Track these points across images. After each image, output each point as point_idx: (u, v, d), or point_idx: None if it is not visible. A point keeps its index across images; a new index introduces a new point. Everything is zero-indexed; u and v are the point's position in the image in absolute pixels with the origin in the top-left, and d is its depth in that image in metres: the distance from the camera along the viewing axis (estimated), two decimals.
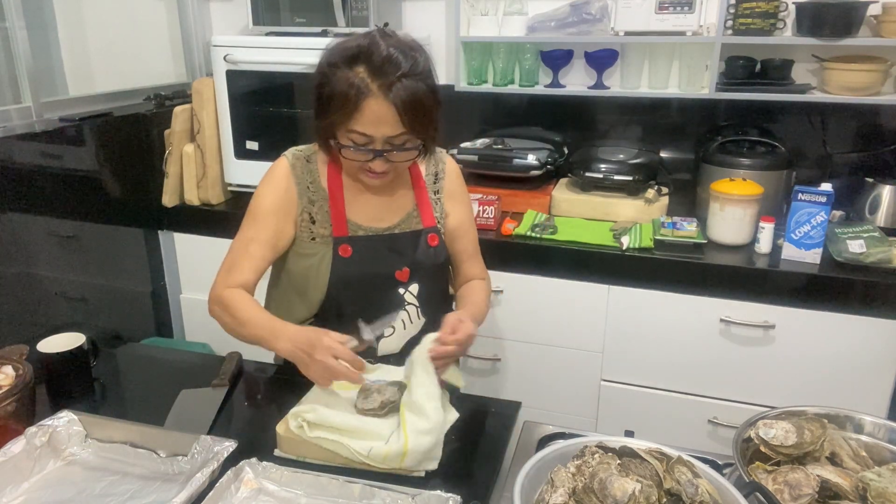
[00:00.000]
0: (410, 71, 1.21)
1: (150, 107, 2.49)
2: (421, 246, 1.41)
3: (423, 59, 1.25)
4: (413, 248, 1.40)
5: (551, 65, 2.40)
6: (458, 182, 1.50)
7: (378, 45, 1.22)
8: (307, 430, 1.13)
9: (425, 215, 1.43)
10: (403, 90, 1.20)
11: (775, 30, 2.11)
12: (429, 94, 1.24)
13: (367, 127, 1.22)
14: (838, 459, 1.03)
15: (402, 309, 1.38)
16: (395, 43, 1.23)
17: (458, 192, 1.49)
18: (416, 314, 1.40)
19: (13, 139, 1.96)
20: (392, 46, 1.22)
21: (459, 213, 1.49)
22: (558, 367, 2.18)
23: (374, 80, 1.20)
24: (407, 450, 1.09)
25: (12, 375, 1.22)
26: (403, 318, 1.39)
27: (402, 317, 1.38)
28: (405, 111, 1.20)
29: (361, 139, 1.24)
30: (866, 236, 1.91)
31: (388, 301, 1.37)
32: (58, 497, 1.07)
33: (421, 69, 1.23)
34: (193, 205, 2.44)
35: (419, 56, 1.24)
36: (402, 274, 1.37)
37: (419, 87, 1.22)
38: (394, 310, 1.37)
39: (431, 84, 1.26)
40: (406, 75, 1.20)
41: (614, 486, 0.89)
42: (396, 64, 1.20)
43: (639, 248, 1.99)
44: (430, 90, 1.25)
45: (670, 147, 2.44)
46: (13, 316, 1.99)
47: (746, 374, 1.99)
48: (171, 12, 2.70)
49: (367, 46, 1.22)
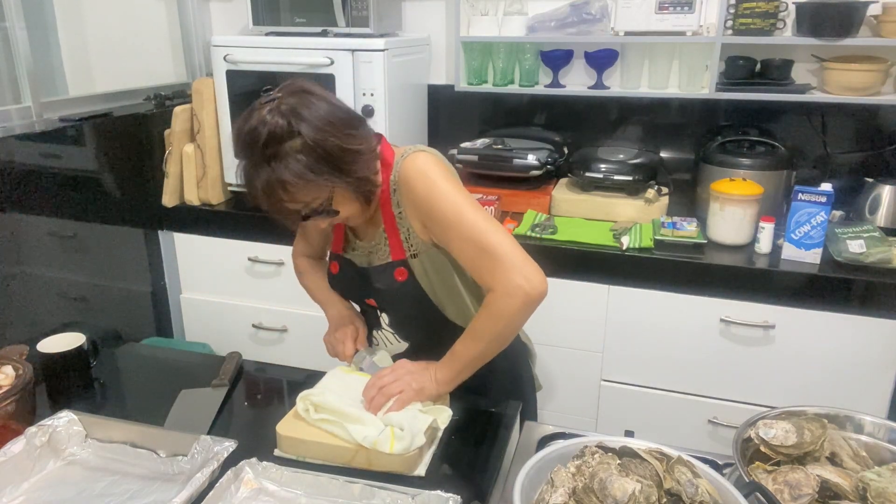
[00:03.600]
0: (269, 141, 1.09)
1: (150, 107, 2.49)
2: (386, 280, 1.30)
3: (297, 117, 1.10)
4: (379, 282, 1.32)
5: (551, 65, 2.40)
6: (415, 193, 1.23)
7: (245, 122, 1.12)
8: (312, 412, 1.17)
9: (392, 244, 1.29)
10: (264, 174, 1.11)
11: (775, 30, 2.11)
12: (294, 167, 1.09)
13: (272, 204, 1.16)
14: (838, 459, 1.03)
15: (380, 330, 1.42)
16: (267, 110, 1.11)
17: (420, 205, 1.23)
18: (395, 338, 1.41)
19: (13, 139, 1.96)
20: (257, 118, 1.11)
21: (432, 226, 1.25)
22: (558, 367, 2.18)
23: (246, 166, 1.14)
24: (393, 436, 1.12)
25: (12, 375, 1.22)
26: (383, 338, 1.43)
27: (382, 336, 1.43)
28: (282, 192, 1.11)
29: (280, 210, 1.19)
30: (866, 236, 1.91)
31: (370, 318, 1.44)
32: (58, 497, 1.07)
33: (284, 132, 1.09)
34: (193, 205, 2.44)
35: (286, 117, 1.10)
36: (371, 302, 1.39)
37: (281, 160, 1.09)
38: (374, 327, 1.44)
39: (308, 141, 1.10)
40: (265, 148, 1.09)
41: (614, 486, 0.89)
42: (254, 140, 1.10)
43: (639, 248, 1.99)
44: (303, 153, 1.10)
45: (670, 147, 2.44)
46: (13, 316, 1.99)
47: (746, 374, 1.99)
48: (171, 12, 2.70)
49: (240, 127, 1.13)
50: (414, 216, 1.26)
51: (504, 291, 1.17)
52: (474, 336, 1.22)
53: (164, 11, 2.70)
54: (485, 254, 1.18)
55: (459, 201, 1.20)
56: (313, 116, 1.11)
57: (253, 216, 2.38)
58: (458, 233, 1.20)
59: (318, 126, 1.11)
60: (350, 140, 1.14)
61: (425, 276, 1.29)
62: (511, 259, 1.17)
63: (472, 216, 1.19)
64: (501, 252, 1.17)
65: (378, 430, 1.13)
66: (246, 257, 2.40)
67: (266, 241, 2.36)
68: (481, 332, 1.22)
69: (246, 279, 2.43)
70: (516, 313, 1.19)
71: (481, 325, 1.22)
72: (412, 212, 1.26)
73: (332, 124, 1.13)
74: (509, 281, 1.16)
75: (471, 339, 1.23)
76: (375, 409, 1.20)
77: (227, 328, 2.52)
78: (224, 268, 2.45)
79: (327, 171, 1.12)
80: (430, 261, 1.29)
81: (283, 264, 2.36)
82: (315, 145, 1.10)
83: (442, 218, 1.20)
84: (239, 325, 2.49)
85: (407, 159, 1.24)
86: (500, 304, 1.18)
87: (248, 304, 2.47)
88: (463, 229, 1.19)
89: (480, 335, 1.22)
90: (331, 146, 1.12)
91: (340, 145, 1.13)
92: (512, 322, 1.21)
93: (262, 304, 2.45)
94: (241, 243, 2.40)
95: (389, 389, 1.21)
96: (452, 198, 1.20)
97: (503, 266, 1.17)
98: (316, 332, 2.40)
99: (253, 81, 2.30)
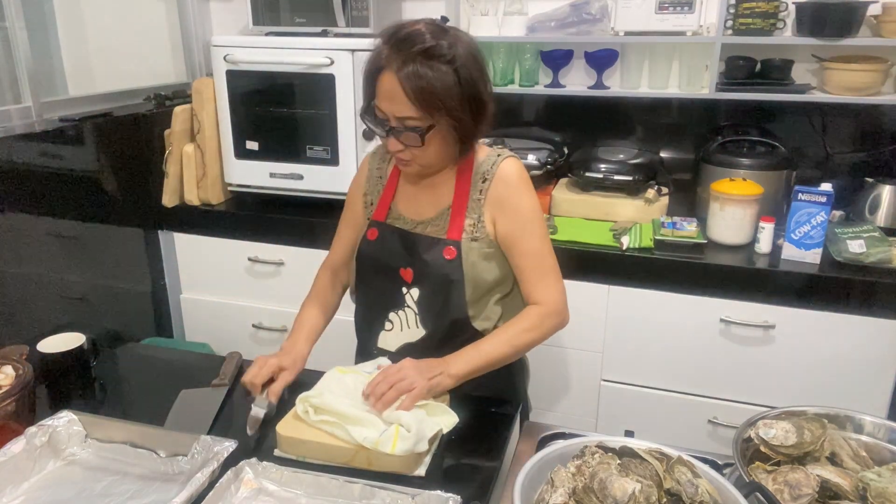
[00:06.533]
0: (431, 51, 1.17)
1: (150, 107, 2.49)
2: (433, 253, 1.33)
3: (455, 46, 1.20)
4: (425, 252, 1.34)
5: (551, 65, 2.40)
6: (510, 190, 1.33)
7: (412, 24, 1.21)
8: (312, 414, 1.16)
9: (454, 223, 1.33)
10: (414, 69, 1.17)
11: (775, 30, 2.11)
12: (444, 78, 1.18)
13: (382, 102, 1.23)
14: (838, 459, 1.03)
15: (401, 309, 1.38)
16: (430, 27, 1.21)
17: (508, 200, 1.32)
18: (416, 321, 1.37)
19: (13, 139, 1.96)
20: (425, 27, 1.20)
21: (506, 224, 1.33)
22: (558, 367, 2.18)
23: (391, 54, 1.19)
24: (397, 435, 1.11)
25: (12, 375, 1.22)
26: (402, 318, 1.39)
27: (401, 316, 1.39)
28: (412, 90, 1.17)
29: (380, 114, 1.24)
30: (866, 236, 1.91)
31: (390, 296, 1.39)
32: (58, 497, 1.07)
33: (445, 51, 1.18)
34: (193, 205, 2.44)
35: (449, 41, 1.19)
36: (406, 273, 1.36)
37: (434, 68, 1.17)
38: (393, 306, 1.38)
39: (457, 69, 1.19)
40: (423, 53, 1.17)
41: (614, 486, 0.89)
42: (413, 41, 1.18)
43: (639, 248, 1.99)
44: (453, 74, 1.19)
45: (670, 147, 2.44)
46: (13, 316, 1.99)
47: (746, 374, 1.99)
48: (171, 12, 2.70)
49: (403, 24, 1.22)
50: (492, 208, 1.33)
51: (553, 309, 1.33)
52: (508, 341, 1.30)
53: (164, 11, 2.70)
54: (543, 269, 1.33)
55: (541, 216, 1.36)
56: (466, 53, 1.21)
57: (253, 216, 2.39)
58: (529, 240, 1.33)
59: (468, 63, 1.21)
60: (486, 89, 1.26)
61: (471, 264, 1.33)
62: (562, 285, 1.36)
63: (545, 232, 1.36)
64: (557, 274, 1.35)
65: (379, 430, 1.12)
66: (246, 257, 2.40)
67: (266, 241, 2.36)
68: (517, 338, 1.31)
69: (246, 279, 2.43)
70: (551, 331, 1.34)
71: (518, 332, 1.31)
72: (494, 204, 1.33)
73: (480, 69, 1.25)
74: (557, 302, 1.34)
75: (502, 343, 1.30)
76: (385, 406, 1.18)
77: (227, 328, 2.52)
78: (224, 268, 2.45)
79: (457, 99, 1.20)
80: (481, 253, 1.34)
81: (283, 264, 2.36)
82: (462, 75, 1.20)
83: (525, 221, 1.33)
84: (239, 325, 2.49)
85: (511, 160, 1.36)
86: (544, 319, 1.32)
87: (248, 304, 2.47)
88: (535, 239, 1.33)
89: (515, 342, 1.31)
90: (474, 81, 1.22)
91: (480, 87, 1.24)
92: (544, 338, 1.34)
93: (262, 304, 2.45)
94: (241, 243, 2.40)
95: (401, 386, 1.20)
96: (538, 210, 1.36)
97: (557, 287, 1.34)
98: None
99: (253, 81, 2.30)
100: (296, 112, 2.32)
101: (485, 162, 1.35)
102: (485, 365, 1.28)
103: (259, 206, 2.42)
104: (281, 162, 2.35)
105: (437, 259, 1.32)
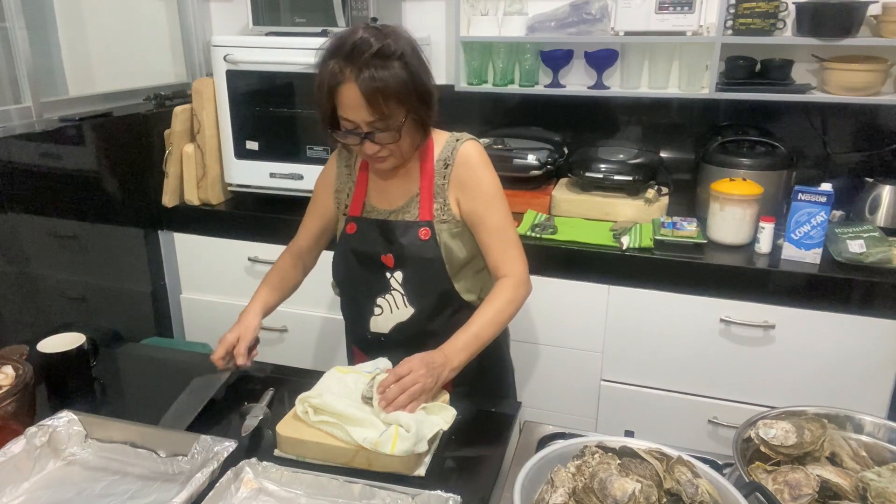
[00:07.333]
0: (379, 53, 1.24)
1: (150, 107, 2.49)
2: (409, 236, 1.42)
3: (398, 42, 1.27)
4: (402, 237, 1.42)
5: (551, 65, 2.40)
6: (470, 172, 1.41)
7: (353, 34, 1.27)
8: (311, 414, 1.17)
9: (424, 207, 1.42)
10: (370, 74, 1.23)
11: (775, 30, 2.11)
12: (399, 74, 1.25)
13: (347, 112, 1.29)
14: (838, 459, 1.03)
15: (388, 293, 1.45)
16: (371, 31, 1.27)
17: (469, 180, 1.41)
18: (403, 301, 1.44)
19: (13, 139, 1.95)
20: (366, 32, 1.26)
21: (469, 203, 1.41)
22: (558, 367, 2.18)
23: (345, 67, 1.25)
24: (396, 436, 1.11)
25: (12, 375, 1.22)
26: (389, 302, 1.45)
27: (388, 300, 1.45)
28: (372, 95, 1.24)
29: (348, 125, 1.31)
30: (866, 236, 1.91)
31: (375, 282, 1.46)
32: (58, 497, 1.07)
33: (392, 50, 1.25)
34: (193, 205, 2.44)
35: (392, 39, 1.27)
36: (388, 259, 1.43)
37: (388, 67, 1.24)
38: (380, 291, 1.45)
39: (406, 63, 1.27)
40: (375, 56, 1.23)
41: (614, 486, 0.89)
42: (362, 49, 1.24)
43: (639, 248, 1.99)
44: (404, 68, 1.26)
45: (670, 147, 2.44)
46: (13, 316, 1.99)
47: (746, 374, 1.99)
48: (171, 12, 2.70)
49: (344, 36, 1.28)
50: (455, 191, 1.42)
51: (521, 279, 1.41)
52: (495, 318, 1.37)
53: (164, 11, 2.70)
54: (508, 242, 1.42)
55: (501, 193, 1.44)
56: (408, 46, 1.29)
57: (253, 216, 2.39)
58: (493, 216, 1.41)
59: (413, 55, 1.30)
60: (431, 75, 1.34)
61: (443, 243, 1.42)
62: (524, 255, 1.44)
63: (506, 209, 1.43)
64: (520, 245, 1.44)
65: (378, 431, 1.12)
66: (246, 257, 2.40)
67: (266, 241, 2.36)
68: (502, 314, 1.38)
69: (246, 279, 2.43)
70: (524, 300, 1.42)
71: (501, 307, 1.38)
72: (456, 186, 1.41)
73: (422, 62, 1.32)
74: (524, 272, 1.42)
75: (490, 321, 1.36)
76: (395, 409, 1.19)
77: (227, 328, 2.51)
78: (224, 268, 2.45)
79: (412, 89, 1.28)
80: (451, 233, 1.42)
81: None
82: (411, 69, 1.28)
83: (488, 199, 1.41)
84: None
85: (469, 143, 1.43)
86: (517, 291, 1.40)
87: None
88: (499, 216, 1.41)
89: (500, 318, 1.38)
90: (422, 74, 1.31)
91: (426, 75, 1.32)
92: (518, 309, 1.41)
93: None
94: (241, 243, 2.40)
95: (413, 391, 1.21)
96: (498, 187, 1.43)
97: (521, 258, 1.43)
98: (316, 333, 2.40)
99: (253, 81, 2.30)
100: (296, 112, 2.32)
101: (445, 148, 1.43)
102: (479, 347, 1.35)
103: (259, 206, 2.42)
104: (281, 162, 2.35)
105: (415, 241, 1.41)
